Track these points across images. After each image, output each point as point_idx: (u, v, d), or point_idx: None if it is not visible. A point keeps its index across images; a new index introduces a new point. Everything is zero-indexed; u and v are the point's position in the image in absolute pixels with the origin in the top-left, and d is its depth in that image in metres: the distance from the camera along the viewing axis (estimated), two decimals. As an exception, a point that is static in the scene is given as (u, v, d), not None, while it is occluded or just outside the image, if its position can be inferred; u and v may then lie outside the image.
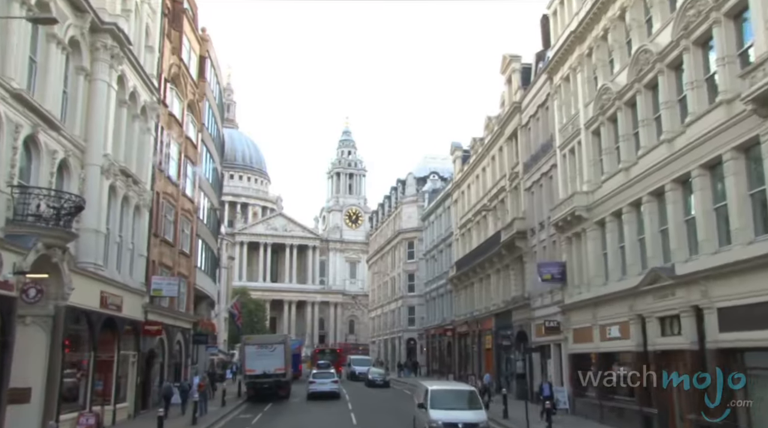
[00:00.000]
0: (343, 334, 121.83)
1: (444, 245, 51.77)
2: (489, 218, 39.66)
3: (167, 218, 30.00)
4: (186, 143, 32.96)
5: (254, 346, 33.82)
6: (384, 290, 74.26)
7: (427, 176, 65.60)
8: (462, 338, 46.43)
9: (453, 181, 49.29)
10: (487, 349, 39.75)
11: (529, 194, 32.24)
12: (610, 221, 22.82)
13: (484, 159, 41.23)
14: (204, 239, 39.48)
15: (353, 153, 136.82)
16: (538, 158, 30.70)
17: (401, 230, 65.73)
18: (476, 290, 42.13)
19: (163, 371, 29.73)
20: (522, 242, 32.36)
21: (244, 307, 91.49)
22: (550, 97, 29.23)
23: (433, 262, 55.88)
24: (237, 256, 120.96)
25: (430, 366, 56.70)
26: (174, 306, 30.80)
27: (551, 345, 28.50)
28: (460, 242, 46.60)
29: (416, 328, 62.91)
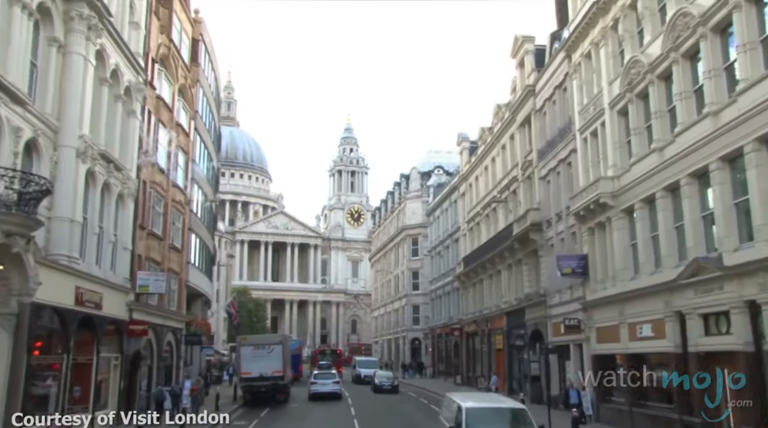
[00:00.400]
0: (345, 334, 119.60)
1: (450, 240, 49.52)
2: (499, 210, 37.42)
3: (155, 209, 27.78)
4: (177, 129, 30.74)
5: (250, 347, 31.60)
6: (387, 289, 72.03)
7: (431, 170, 63.36)
8: (470, 338, 44.19)
9: (460, 173, 47.06)
10: (497, 349, 37.51)
11: (545, 183, 29.99)
12: (640, 208, 20.57)
13: (493, 149, 38.98)
14: (198, 234, 37.28)
15: (355, 150, 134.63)
16: (555, 143, 28.45)
17: (405, 226, 63.51)
18: (486, 287, 39.89)
19: (152, 374, 27.52)
20: (537, 235, 30.11)
21: (243, 307, 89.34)
22: (568, 77, 26.98)
23: (438, 259, 53.64)
24: (237, 255, 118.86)
25: (435, 367, 54.46)
26: (163, 304, 28.59)
27: (571, 345, 26.26)
28: (468, 237, 44.35)
29: (421, 327, 60.69)
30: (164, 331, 28.73)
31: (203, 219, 39.54)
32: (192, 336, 32.25)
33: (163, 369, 29.52)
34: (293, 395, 37.30)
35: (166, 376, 29.94)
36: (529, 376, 31.30)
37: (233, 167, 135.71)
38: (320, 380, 35.53)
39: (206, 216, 40.72)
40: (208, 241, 41.60)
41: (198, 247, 37.96)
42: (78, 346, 20.10)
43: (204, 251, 40.32)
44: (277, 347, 31.78)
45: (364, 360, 51.57)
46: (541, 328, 29.80)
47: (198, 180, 36.09)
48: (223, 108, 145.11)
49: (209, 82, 40.30)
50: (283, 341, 32.50)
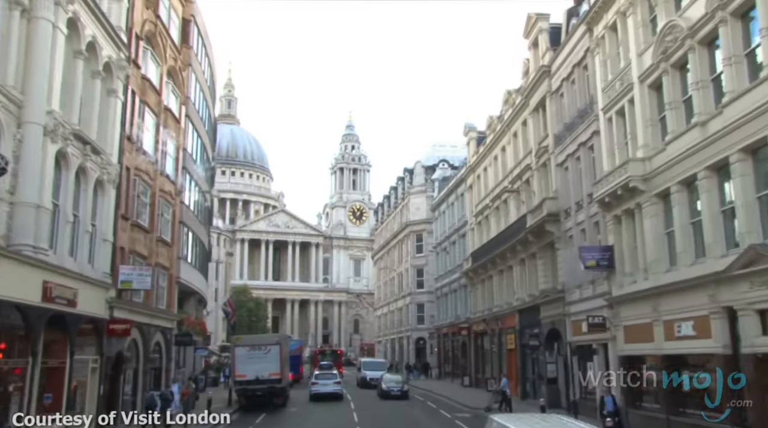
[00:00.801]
0: (347, 334, 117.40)
1: (457, 235, 47.23)
2: (511, 202, 35.13)
3: (141, 198, 25.54)
4: (166, 114, 28.51)
5: (245, 348, 29.37)
6: (390, 287, 69.75)
7: (436, 164, 61.04)
8: (479, 337, 41.90)
9: (467, 165, 44.76)
10: (509, 350, 35.22)
11: (562, 170, 27.70)
12: (677, 191, 18.26)
13: (503, 137, 36.69)
14: (192, 229, 35.07)
15: (357, 148, 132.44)
16: (574, 126, 26.16)
17: (409, 222, 61.21)
18: (496, 283, 37.61)
19: (138, 378, 25.29)
20: (554, 226, 27.82)
21: (243, 306, 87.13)
22: (589, 53, 24.68)
23: (444, 255, 51.35)
24: (238, 254, 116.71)
25: (442, 368, 52.15)
26: (151, 302, 26.35)
27: (594, 344, 23.96)
28: (476, 231, 42.06)
29: (426, 327, 58.40)
30: (152, 331, 26.50)
31: (197, 213, 37.32)
32: (183, 336, 30.00)
33: (151, 371, 27.31)
34: (293, 398, 35.11)
35: (155, 379, 27.74)
36: (545, 378, 29.02)
37: (234, 166, 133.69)
38: (321, 380, 34.95)
39: (200, 210, 38.51)
40: (203, 236, 39.39)
41: (191, 242, 35.76)
42: (48, 348, 17.92)
43: (198, 246, 38.11)
44: (274, 347, 29.55)
45: (371, 362, 47.82)
46: (559, 327, 27.51)
47: (190, 171, 33.86)
48: (223, 106, 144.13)
49: (203, 69, 38.07)
50: (280, 341, 30.23)
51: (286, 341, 33.65)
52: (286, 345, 33.33)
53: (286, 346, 33.09)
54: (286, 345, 33.98)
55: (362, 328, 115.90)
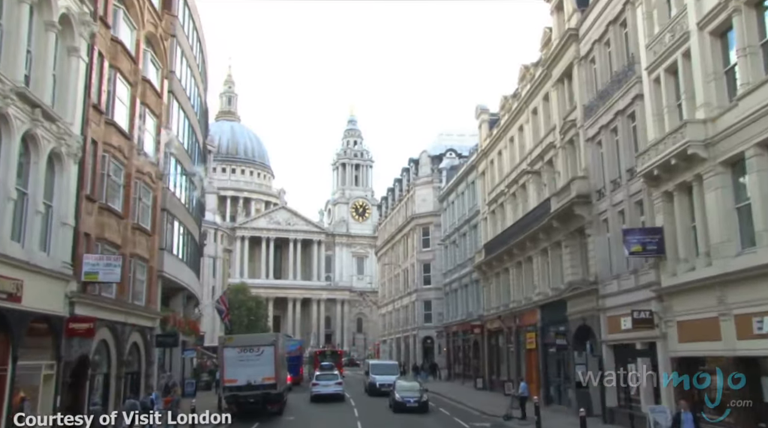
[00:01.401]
0: (350, 333, 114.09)
1: (468, 227, 43.76)
2: (530, 186, 31.66)
3: (113, 178, 22.13)
4: (144, 86, 25.08)
5: (235, 349, 25.91)
6: (395, 284, 66.28)
7: (443, 154, 57.56)
8: (493, 336, 38.42)
9: (479, 150, 41.24)
10: (528, 349, 31.73)
11: (593, 146, 24.19)
12: (755, 155, 14.75)
13: (520, 116, 33.22)
14: (179, 219, 31.70)
15: (359, 143, 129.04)
16: (609, 93, 22.67)
17: (415, 215, 57.73)
18: (513, 277, 34.14)
19: (110, 385, 21.87)
20: (584, 209, 24.32)
21: (243, 305, 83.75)
22: (629, 6, 21.19)
23: (453, 248, 47.88)
24: (238, 252, 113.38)
25: (451, 369, 48.64)
26: (126, 298, 22.95)
27: (638, 344, 20.49)
28: (489, 221, 38.58)
29: (434, 325, 54.93)
30: (127, 330, 23.09)
31: (186, 203, 33.95)
32: (166, 337, 26.56)
33: (128, 377, 23.90)
34: (291, 402, 31.75)
35: (133, 386, 24.34)
36: (573, 382, 25.50)
37: (234, 163, 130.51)
38: (322, 381, 34.02)
39: (190, 199, 35.12)
40: (193, 228, 35.98)
41: (179, 234, 32.40)
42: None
43: (187, 239, 34.73)
44: (268, 349, 26.10)
45: (380, 365, 40.72)
46: (591, 323, 24.02)
47: (176, 154, 30.45)
48: (223, 102, 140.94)
49: (191, 44, 34.68)
50: (275, 341, 26.73)
51: (282, 341, 30.17)
52: (282, 345, 29.90)
53: (282, 347, 29.67)
54: (283, 346, 30.54)
55: (366, 327, 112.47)
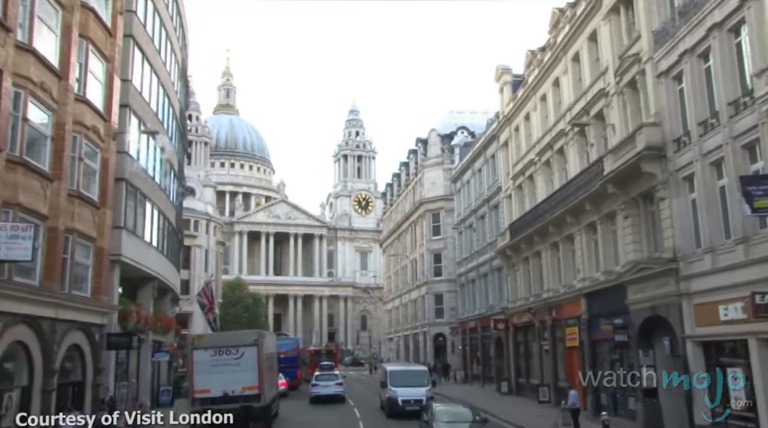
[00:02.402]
0: (354, 331, 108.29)
1: (486, 208, 37.95)
2: (570, 150, 25.87)
3: (32, 124, 16.40)
4: (85, 16, 19.29)
5: (207, 351, 20.16)
6: (402, 277, 60.45)
7: (453, 132, 51.79)
8: (520, 332, 32.64)
9: (500, 118, 35.37)
10: (569, 347, 25.93)
11: (669, 81, 18.36)
12: None
13: (555, 67, 27.41)
14: (149, 198, 26.06)
15: (362, 134, 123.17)
16: (695, 5, 16.85)
17: (424, 199, 51.89)
18: (547, 261, 28.36)
19: (31, 402, 16.14)
20: (655, 165, 18.49)
21: (240, 302, 78.06)
22: None
23: (469, 234, 42.11)
24: (236, 247, 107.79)
25: (468, 370, 42.74)
26: (57, 285, 17.22)
27: (752, 340, 14.70)
28: (515, 198, 32.80)
29: (446, 321, 49.15)
30: (60, 329, 17.36)
31: (159, 179, 28.30)
32: (120, 336, 20.75)
33: (67, 389, 18.23)
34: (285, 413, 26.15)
35: (74, 400, 18.65)
36: (639, 389, 19.70)
37: (233, 157, 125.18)
38: (322, 382, 32.36)
39: (164, 177, 29.46)
40: (169, 211, 30.27)
41: (151, 217, 26.76)
42: None
43: (163, 224, 29.08)
44: (250, 350, 20.35)
45: (403, 372, 27.84)
46: (668, 313, 18.23)
47: (139, 114, 24.70)
48: (221, 95, 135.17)
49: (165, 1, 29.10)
50: (258, 341, 20.85)
51: (270, 340, 24.21)
52: (270, 344, 24.09)
53: (270, 347, 23.83)
54: (272, 345, 24.66)
55: (370, 324, 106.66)
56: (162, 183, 29.13)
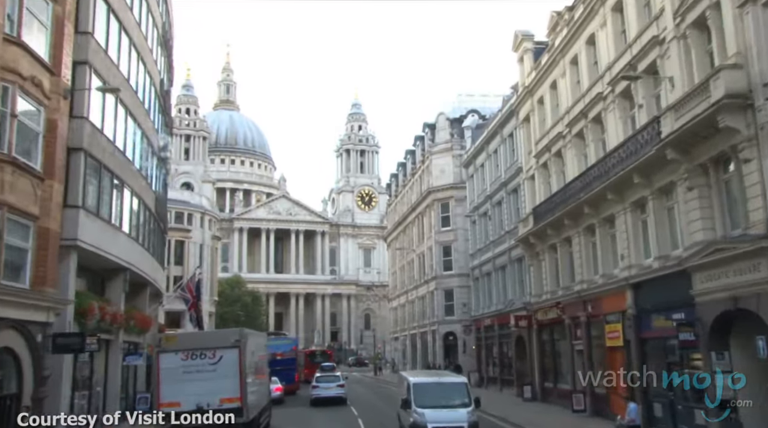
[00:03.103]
0: (357, 330, 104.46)
1: (504, 192, 33.98)
2: (609, 116, 21.89)
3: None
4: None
5: (178, 355, 16.29)
6: (409, 272, 56.47)
7: (464, 116, 47.79)
8: (545, 329, 28.69)
9: (521, 90, 31.33)
10: (610, 347, 21.96)
11: (759, 11, 14.37)
12: None
13: (590, 22, 23.42)
14: (116, 174, 22.13)
15: (364, 127, 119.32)
16: None
17: (432, 188, 47.89)
18: (580, 248, 24.38)
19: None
20: (738, 118, 14.50)
21: (238, 301, 74.20)
22: None
23: (483, 222, 38.17)
24: (236, 244, 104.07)
25: (483, 373, 38.65)
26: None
27: None
28: (539, 178, 28.85)
29: (458, 318, 45.17)
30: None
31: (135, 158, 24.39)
32: (67, 337, 16.77)
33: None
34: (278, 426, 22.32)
35: (2, 418, 14.74)
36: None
37: (233, 153, 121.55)
38: (323, 383, 31.27)
39: (141, 155, 25.53)
40: (146, 195, 26.35)
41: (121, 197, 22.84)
42: None
43: (138, 208, 25.19)
44: (230, 353, 16.44)
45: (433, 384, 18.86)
46: (758, 306, 14.24)
47: (103, 72, 20.76)
48: (221, 91, 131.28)
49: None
50: (240, 342, 16.87)
51: (254, 340, 19.99)
52: (258, 346, 20.11)
53: (256, 348, 19.76)
54: (258, 347, 20.54)
55: (374, 323, 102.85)
56: (139, 163, 25.25)
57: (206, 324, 58.83)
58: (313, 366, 41.58)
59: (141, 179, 25.56)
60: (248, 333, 18.46)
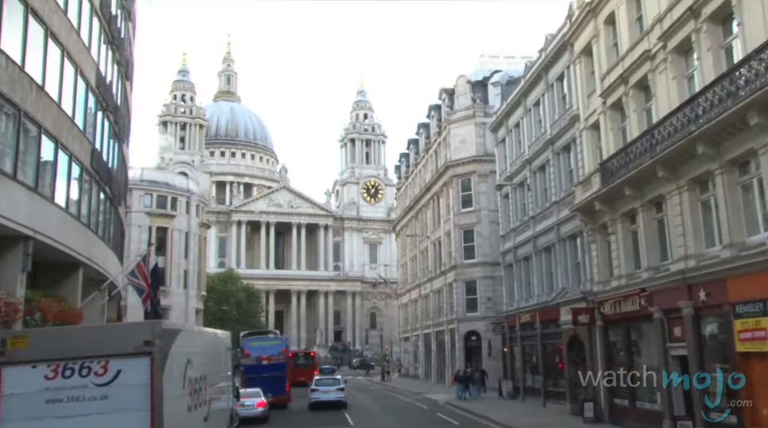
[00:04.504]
0: (362, 329, 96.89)
1: (550, 152, 26.30)
2: (749, 4, 14.25)
3: None
4: None
5: (38, 369, 8.75)
6: (422, 263, 48.83)
7: (487, 77, 40.19)
8: (617, 327, 20.99)
9: (578, 12, 23.53)
10: (744, 354, 14.32)
11: None
12: None
13: None
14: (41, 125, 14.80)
15: (370, 116, 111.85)
16: None
17: (450, 162, 40.25)
18: (678, 211, 16.72)
19: None
20: None
21: (232, 297, 66.71)
22: None
23: (519, 195, 30.60)
24: (234, 238, 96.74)
25: (521, 381, 30.55)
26: None
27: None
28: (608, 124, 21.18)
29: (480, 315, 37.66)
30: None
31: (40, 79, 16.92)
32: None
33: None
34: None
35: None
36: None
37: (234, 146, 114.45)
38: (322, 387, 28.64)
39: (57, 78, 18.05)
40: (73, 142, 18.88)
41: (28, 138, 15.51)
42: None
43: (56, 155, 17.78)
44: (134, 366, 8.81)
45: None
46: None
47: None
48: (222, 82, 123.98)
49: None
50: (156, 344, 9.17)
51: (192, 341, 11.34)
52: (199, 351, 12.07)
53: (195, 356, 11.52)
54: (203, 353, 12.18)
55: (380, 322, 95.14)
56: (58, 94, 17.83)
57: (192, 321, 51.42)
58: (294, 369, 37.92)
59: (64, 119, 18.15)
60: (178, 330, 10.77)
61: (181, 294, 49.64)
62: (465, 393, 30.97)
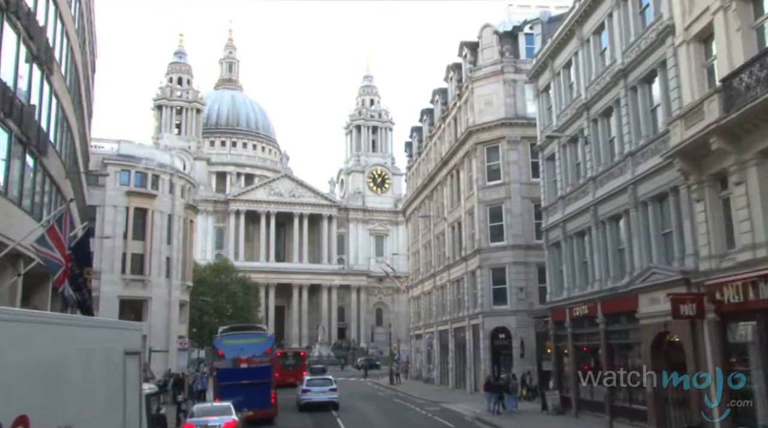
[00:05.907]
0: (368, 326, 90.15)
1: (623, 88, 19.28)
2: None
3: None
4: None
5: None
6: (437, 249, 41.97)
7: (518, 27, 33.39)
8: (744, 320, 14.23)
9: None
10: None
11: None
12: None
13: None
14: None
15: (377, 102, 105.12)
16: None
17: (473, 127, 33.39)
18: None
19: None
20: None
21: (225, 290, 60.11)
22: None
23: (571, 154, 23.72)
24: (232, 229, 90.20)
25: (574, 392, 23.72)
26: None
27: None
28: (734, 21, 14.27)
29: (510, 309, 30.92)
30: None
31: None
32: None
33: None
34: None
35: None
36: None
37: (235, 135, 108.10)
38: (314, 387, 27.17)
39: None
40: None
41: None
42: None
43: None
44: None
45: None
46: None
47: None
48: (223, 69, 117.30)
49: None
50: None
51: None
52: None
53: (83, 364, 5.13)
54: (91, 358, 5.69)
55: (386, 319, 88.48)
56: None
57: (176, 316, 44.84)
58: (283, 370, 35.13)
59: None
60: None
61: (162, 285, 43.05)
62: (498, 406, 24.24)
